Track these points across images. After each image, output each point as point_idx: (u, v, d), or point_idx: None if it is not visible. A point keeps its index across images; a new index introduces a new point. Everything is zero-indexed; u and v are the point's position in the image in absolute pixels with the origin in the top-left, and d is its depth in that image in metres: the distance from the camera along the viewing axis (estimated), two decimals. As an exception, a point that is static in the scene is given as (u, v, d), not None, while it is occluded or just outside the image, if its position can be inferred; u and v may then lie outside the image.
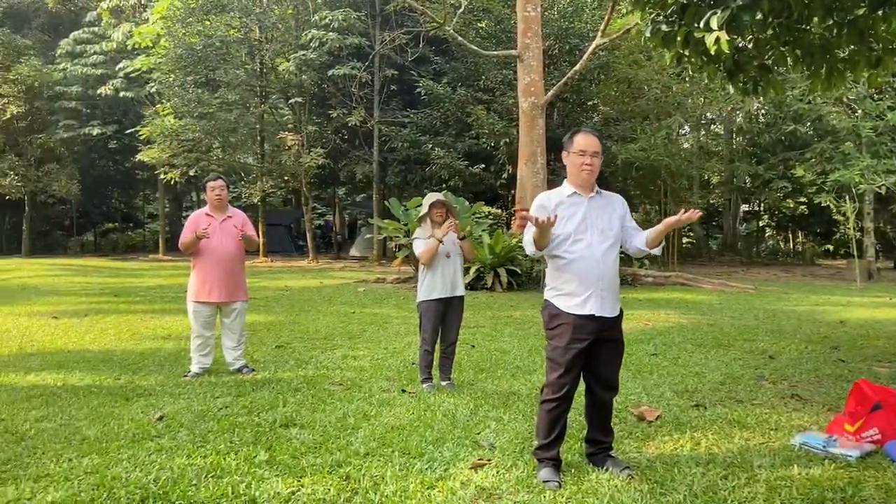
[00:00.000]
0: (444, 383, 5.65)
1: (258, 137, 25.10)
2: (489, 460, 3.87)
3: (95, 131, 27.03)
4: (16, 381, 5.74)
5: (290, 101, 24.26)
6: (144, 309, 10.44)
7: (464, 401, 5.15)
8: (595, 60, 18.87)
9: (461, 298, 5.64)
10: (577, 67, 16.33)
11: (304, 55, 21.47)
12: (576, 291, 3.55)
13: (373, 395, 5.36)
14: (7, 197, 26.80)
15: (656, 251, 3.73)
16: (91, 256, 28.34)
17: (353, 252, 27.98)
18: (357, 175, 24.78)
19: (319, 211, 40.04)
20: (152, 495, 3.37)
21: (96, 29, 27.48)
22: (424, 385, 5.56)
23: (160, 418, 4.65)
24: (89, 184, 31.08)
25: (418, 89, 21.28)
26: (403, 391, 5.46)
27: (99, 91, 25.92)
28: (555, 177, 16.73)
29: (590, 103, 22.55)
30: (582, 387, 3.77)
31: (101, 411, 4.83)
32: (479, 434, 4.37)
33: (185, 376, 5.93)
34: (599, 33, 15.63)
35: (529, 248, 3.61)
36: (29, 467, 3.75)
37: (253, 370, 6.13)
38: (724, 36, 4.80)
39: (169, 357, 6.81)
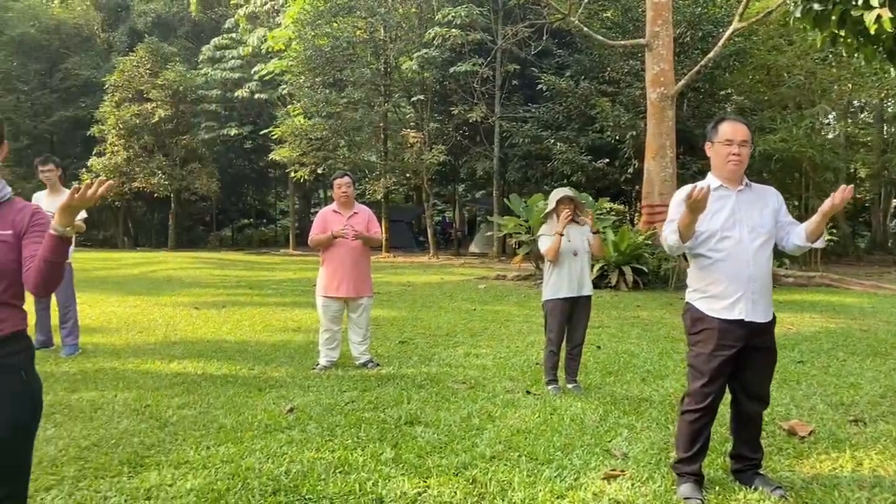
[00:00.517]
0: (570, 386, 5.43)
1: (381, 135, 25.67)
2: (623, 471, 3.64)
3: (233, 132, 28.70)
4: (161, 368, 6.10)
5: (412, 99, 24.64)
6: (276, 302, 10.89)
7: (592, 405, 4.92)
8: (730, 47, 17.77)
9: (588, 298, 5.40)
10: (710, 55, 15.43)
11: (426, 53, 21.70)
12: (723, 294, 3.25)
13: (497, 395, 5.23)
14: (155, 195, 29.02)
15: (819, 244, 3.34)
16: (228, 250, 30.18)
17: (473, 248, 28.07)
18: (477, 171, 24.80)
19: (439, 207, 40.56)
20: (283, 488, 3.42)
21: (234, 35, 29.15)
22: (550, 387, 5.38)
23: (290, 410, 4.76)
24: (227, 182, 33.08)
25: (540, 84, 20.94)
26: (528, 392, 5.30)
27: (236, 94, 27.48)
28: (684, 171, 15.93)
29: (723, 93, 21.31)
30: (727, 397, 3.46)
31: (237, 401, 5.01)
32: (610, 442, 4.14)
33: (314, 369, 6.07)
34: (737, 17, 14.68)
35: (672, 240, 3.28)
36: (170, 453, 3.92)
37: (378, 365, 6.18)
38: (886, 13, 4.29)
39: (299, 349, 7.02)
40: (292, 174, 25.87)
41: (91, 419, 4.54)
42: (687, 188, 3.39)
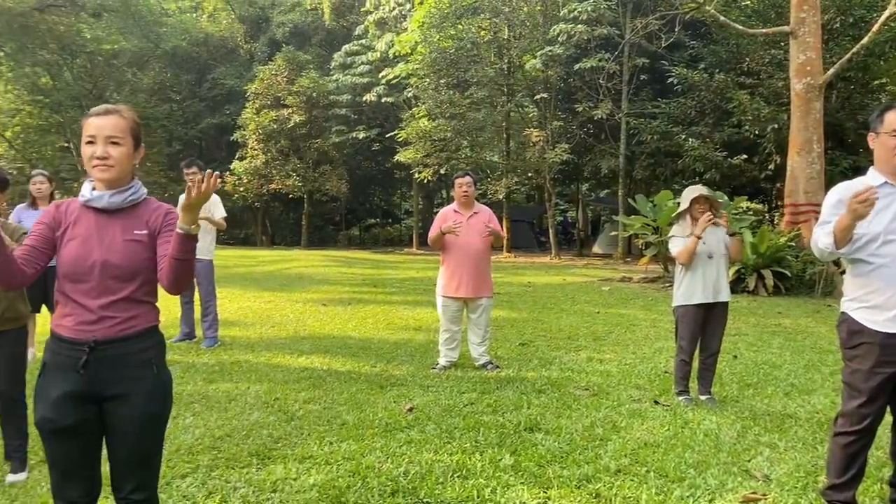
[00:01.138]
0: (703, 398, 5.09)
1: (504, 135, 25.59)
2: (764, 495, 3.34)
3: (361, 135, 29.65)
4: (290, 362, 6.33)
5: (535, 98, 24.37)
6: (399, 300, 11.07)
7: (728, 420, 4.58)
8: (885, 33, 16.18)
9: (725, 304, 5.03)
10: (863, 41, 14.12)
11: (550, 50, 21.37)
12: (886, 304, 2.89)
13: (622, 404, 5.00)
14: (290, 195, 30.52)
15: None
16: (356, 249, 31.24)
17: (596, 249, 27.37)
18: (602, 170, 24.12)
19: (562, 207, 39.91)
20: (402, 489, 3.40)
21: (364, 41, 30.10)
22: (680, 398, 5.06)
23: (410, 410, 4.77)
24: (356, 183, 34.21)
25: (671, 77, 20.03)
26: (656, 403, 5.02)
27: (364, 98, 28.36)
28: (833, 167, 14.67)
29: (876, 83, 19.42)
30: (888, 419, 3.08)
31: (359, 398, 5.09)
32: (749, 461, 3.82)
33: (434, 368, 6.07)
34: (893, 1, 13.32)
35: (824, 243, 2.93)
36: (296, 447, 4.02)
37: (498, 367, 6.09)
38: None
39: (419, 348, 7.07)
40: (416, 175, 26.34)
41: (225, 410, 4.76)
42: (844, 187, 3.04)
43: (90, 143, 2.12)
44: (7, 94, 34.02)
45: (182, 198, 6.49)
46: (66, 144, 34.82)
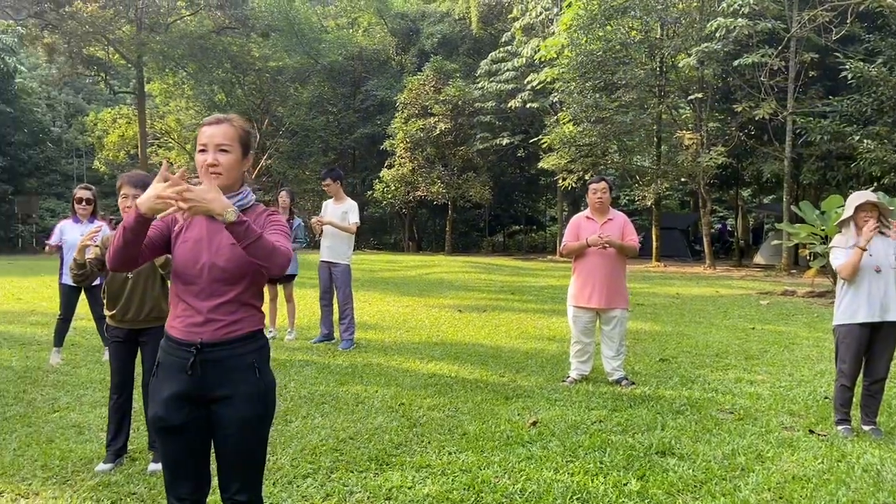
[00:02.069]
0: (866, 428, 4.51)
1: (654, 138, 24.57)
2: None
3: (505, 141, 29.70)
4: (419, 367, 6.37)
5: (689, 98, 23.18)
6: (534, 308, 10.89)
7: (893, 454, 4.01)
8: None
9: (894, 324, 4.42)
10: None
11: (707, 47, 20.21)
12: None
13: (771, 431, 4.53)
14: (435, 202, 31.20)
15: None
16: (498, 255, 31.30)
17: (758, 259, 25.49)
18: (764, 174, 22.44)
19: (720, 214, 37.64)
20: (515, 508, 3.27)
21: (510, 48, 30.16)
22: (839, 427, 4.51)
23: (534, 423, 4.61)
24: (499, 189, 34.33)
25: (844, 73, 18.24)
26: (811, 432, 4.51)
27: (509, 104, 28.38)
28: None
29: None
30: None
31: (483, 408, 5.00)
32: (919, 509, 3.30)
33: (564, 381, 5.86)
34: None
35: None
36: (415, 455, 4.00)
37: (633, 383, 5.76)
38: None
39: (551, 359, 6.86)
40: (560, 181, 25.94)
41: (352, 412, 4.85)
42: None
43: (202, 150, 2.20)
44: (189, 111, 37.63)
45: (326, 203, 6.87)
46: (237, 156, 37.86)
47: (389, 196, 31.11)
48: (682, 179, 24.27)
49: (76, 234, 5.79)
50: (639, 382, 5.84)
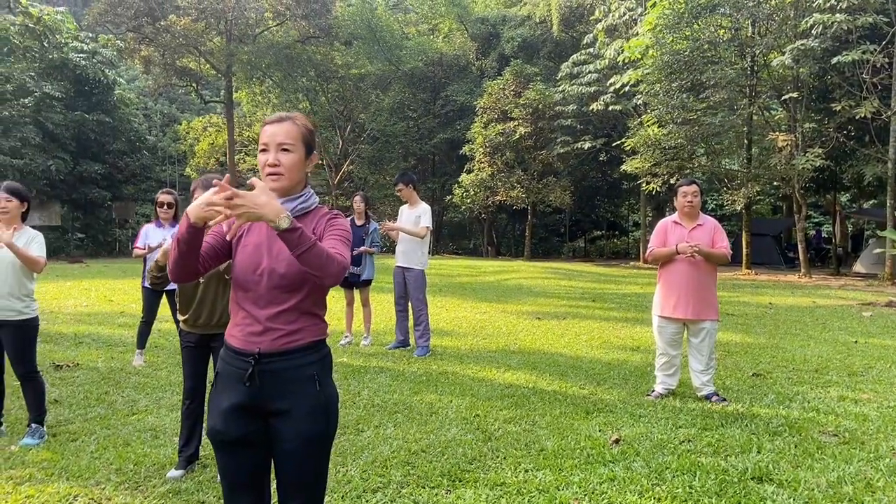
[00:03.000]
0: None
1: (745, 140, 23.50)
2: None
3: (587, 145, 29.10)
4: (496, 377, 6.18)
5: (782, 98, 22.01)
6: (617, 316, 10.50)
7: None
8: None
9: None
10: None
11: (802, 44, 19.13)
12: None
13: (881, 456, 4.11)
14: (514, 207, 30.90)
15: None
16: (579, 261, 30.67)
17: (858, 268, 23.91)
18: (865, 177, 21.05)
19: (816, 220, 35.64)
20: (595, 536, 3.04)
21: (591, 50, 29.58)
22: (965, 459, 4.03)
23: (616, 441, 4.35)
24: (580, 194, 33.69)
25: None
26: (929, 462, 4.05)
27: (591, 107, 27.81)
28: None
29: None
30: None
31: (562, 422, 4.77)
32: None
33: (648, 395, 5.54)
34: None
35: None
36: (489, 471, 3.82)
37: (724, 399, 5.39)
38: None
39: (634, 371, 6.54)
40: (644, 186, 25.17)
41: (425, 423, 4.72)
42: None
43: (264, 150, 2.10)
44: (274, 119, 38.75)
45: (402, 210, 6.81)
46: (320, 162, 38.79)
47: (468, 201, 31.05)
48: (775, 183, 23.06)
49: (158, 238, 5.93)
50: (730, 399, 5.45)
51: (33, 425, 4.09)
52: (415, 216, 7.12)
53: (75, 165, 29.13)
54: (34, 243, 4.01)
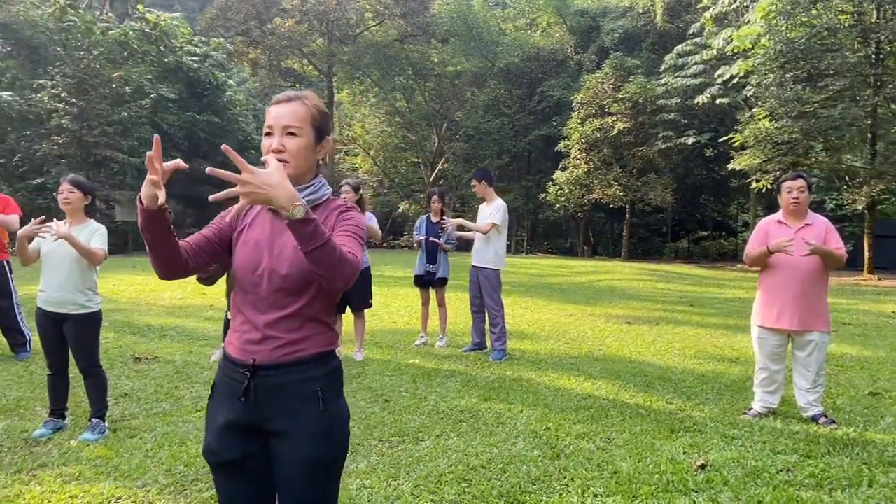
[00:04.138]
0: None
1: (868, 135, 21.62)
2: None
3: (691, 140, 27.71)
4: (574, 386, 5.76)
5: (912, 88, 20.09)
6: (716, 323, 9.74)
7: None
8: None
9: None
10: None
11: (936, 28, 17.37)
12: None
13: None
14: (611, 205, 29.88)
15: None
16: (681, 263, 29.26)
17: None
18: None
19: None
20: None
21: (698, 40, 28.15)
22: None
23: (702, 466, 3.87)
24: (684, 192, 32.20)
25: None
26: None
27: (696, 100, 26.46)
28: None
29: None
30: None
31: (642, 441, 4.32)
32: None
33: (745, 414, 4.97)
34: None
35: None
36: (553, 494, 3.47)
37: (833, 422, 4.74)
38: None
39: (731, 386, 5.93)
40: (754, 183, 23.67)
41: (490, 434, 4.40)
42: None
43: (268, 133, 1.84)
44: (374, 119, 39.41)
45: (482, 208, 6.38)
46: (416, 160, 39.09)
47: (563, 199, 30.32)
48: (904, 180, 21.10)
49: None
50: (841, 421, 4.80)
51: (94, 420, 4.09)
52: (487, 213, 6.79)
53: (188, 164, 30.70)
54: (96, 236, 4.00)
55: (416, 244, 7.40)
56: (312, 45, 35.49)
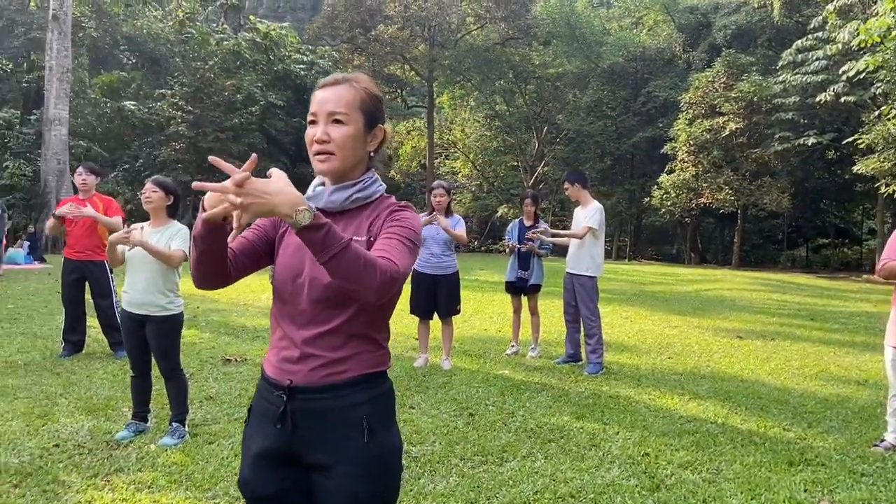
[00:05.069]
0: None
1: None
2: None
3: (810, 141, 25.82)
4: (677, 406, 5.28)
5: None
6: (841, 340, 8.85)
7: None
8: None
9: None
10: None
11: None
12: None
13: None
14: (721, 210, 28.33)
15: None
16: (798, 272, 27.34)
17: None
18: None
19: None
20: None
21: (820, 34, 26.22)
22: None
23: (826, 509, 3.37)
24: (802, 196, 30.15)
25: None
26: None
27: (818, 98, 24.62)
28: None
29: None
30: None
31: (755, 475, 3.84)
32: None
33: (876, 446, 4.38)
34: None
35: None
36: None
37: None
38: None
39: (859, 412, 5.27)
40: (882, 188, 21.75)
41: (582, 458, 4.04)
42: None
43: (312, 122, 1.62)
44: (473, 123, 39.39)
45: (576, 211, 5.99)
46: (515, 164, 38.72)
47: (669, 203, 29.04)
48: None
49: None
50: None
51: (174, 424, 4.06)
52: (583, 217, 6.39)
53: (294, 168, 31.74)
54: (177, 237, 3.98)
55: (507, 250, 7.12)
56: (414, 50, 35.84)
